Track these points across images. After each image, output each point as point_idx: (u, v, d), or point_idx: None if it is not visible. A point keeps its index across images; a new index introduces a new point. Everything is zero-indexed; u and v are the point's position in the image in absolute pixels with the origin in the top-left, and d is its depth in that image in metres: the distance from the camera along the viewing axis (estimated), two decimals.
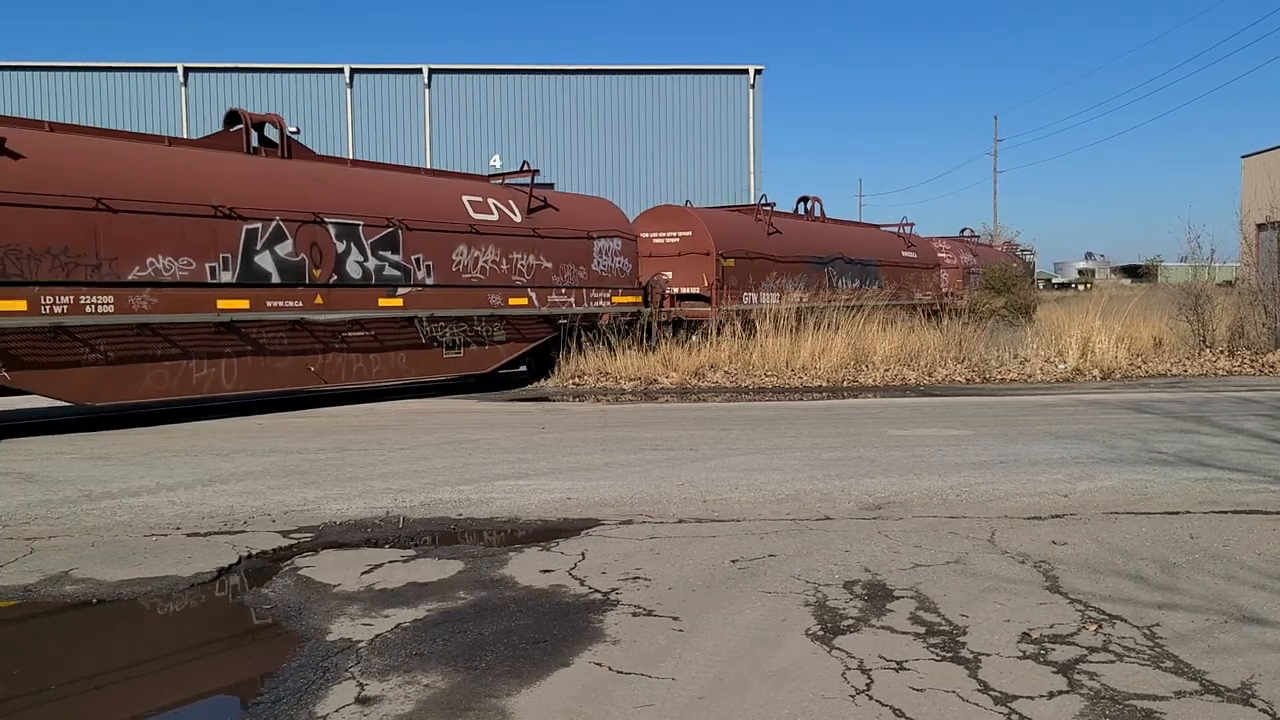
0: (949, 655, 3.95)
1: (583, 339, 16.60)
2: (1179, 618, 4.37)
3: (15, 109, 32.17)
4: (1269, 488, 7.11)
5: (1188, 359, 17.16)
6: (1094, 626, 4.26)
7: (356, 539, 6.06)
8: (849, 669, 3.83)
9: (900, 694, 3.58)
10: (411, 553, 5.71)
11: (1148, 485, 7.24)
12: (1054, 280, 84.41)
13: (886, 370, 16.45)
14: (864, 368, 16.61)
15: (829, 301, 19.45)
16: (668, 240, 20.85)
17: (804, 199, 26.41)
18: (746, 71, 34.70)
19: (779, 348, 16.96)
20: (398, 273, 14.16)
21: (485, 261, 15.32)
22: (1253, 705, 3.46)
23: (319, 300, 13.21)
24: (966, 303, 28.47)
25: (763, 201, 23.66)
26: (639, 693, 3.64)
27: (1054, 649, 4.00)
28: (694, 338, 17.72)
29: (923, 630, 4.24)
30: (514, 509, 6.77)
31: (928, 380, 16.06)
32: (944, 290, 31.00)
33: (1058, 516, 6.34)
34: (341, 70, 33.46)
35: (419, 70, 33.73)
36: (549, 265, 16.34)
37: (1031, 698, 3.53)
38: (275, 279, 12.73)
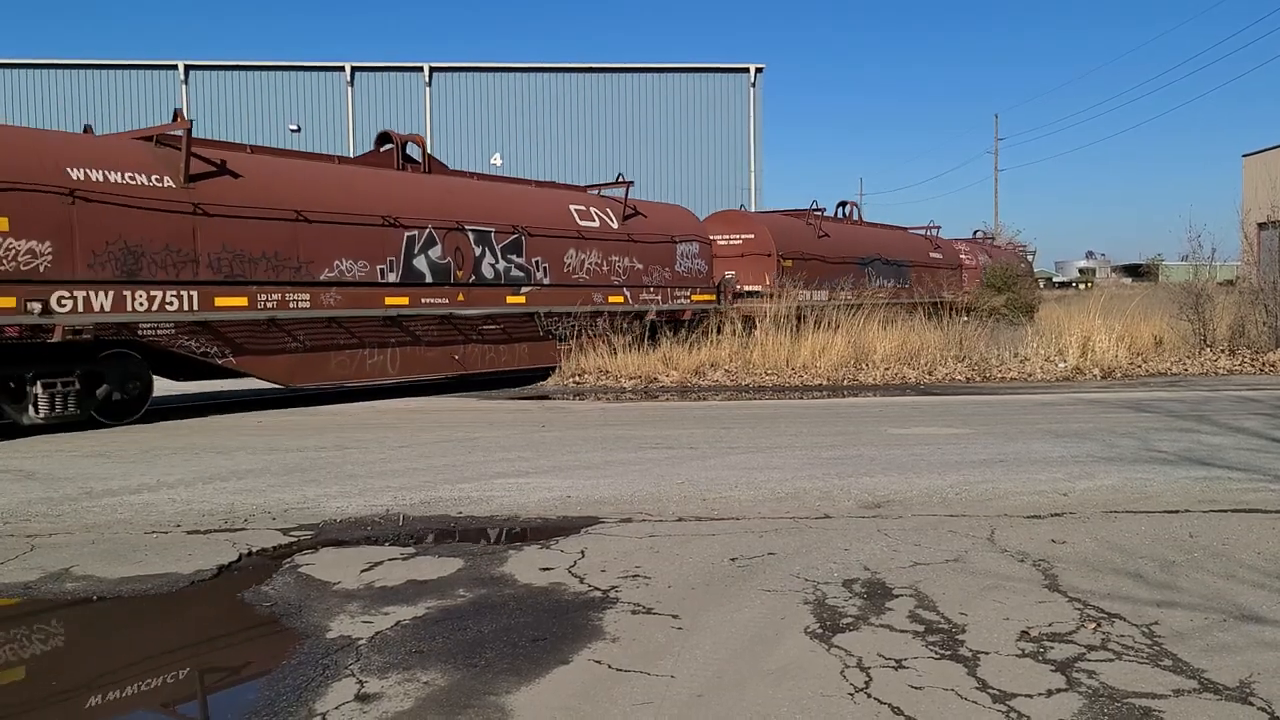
0: (948, 653, 3.96)
1: (583, 336, 16.68)
2: (1178, 616, 4.37)
3: (16, 107, 32.19)
4: (1269, 486, 7.11)
5: (1188, 358, 17.15)
6: (1093, 625, 4.26)
7: (356, 537, 6.06)
8: (848, 667, 3.83)
9: (899, 692, 3.58)
10: (411, 550, 5.71)
11: (1147, 484, 7.24)
12: (1054, 279, 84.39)
13: (887, 369, 16.45)
14: (864, 366, 16.61)
15: (874, 299, 20.70)
16: (731, 242, 22.70)
17: (843, 204, 28.52)
18: (747, 70, 34.69)
19: (779, 346, 16.97)
20: (521, 274, 16.09)
21: (589, 263, 17.32)
22: (1251, 704, 3.46)
23: (461, 298, 15.07)
24: (966, 301, 28.73)
25: (813, 206, 25.74)
26: (638, 690, 3.64)
27: (1053, 647, 4.00)
28: (756, 333, 18.12)
29: (922, 628, 4.25)
30: (514, 507, 6.78)
31: (928, 379, 16.06)
32: (965, 289, 31.88)
33: (1057, 515, 6.34)
34: (343, 68, 33.47)
35: (420, 68, 33.73)
36: (640, 267, 18.35)
37: (1030, 696, 3.54)
38: (428, 279, 14.62)
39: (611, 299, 17.63)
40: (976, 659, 3.89)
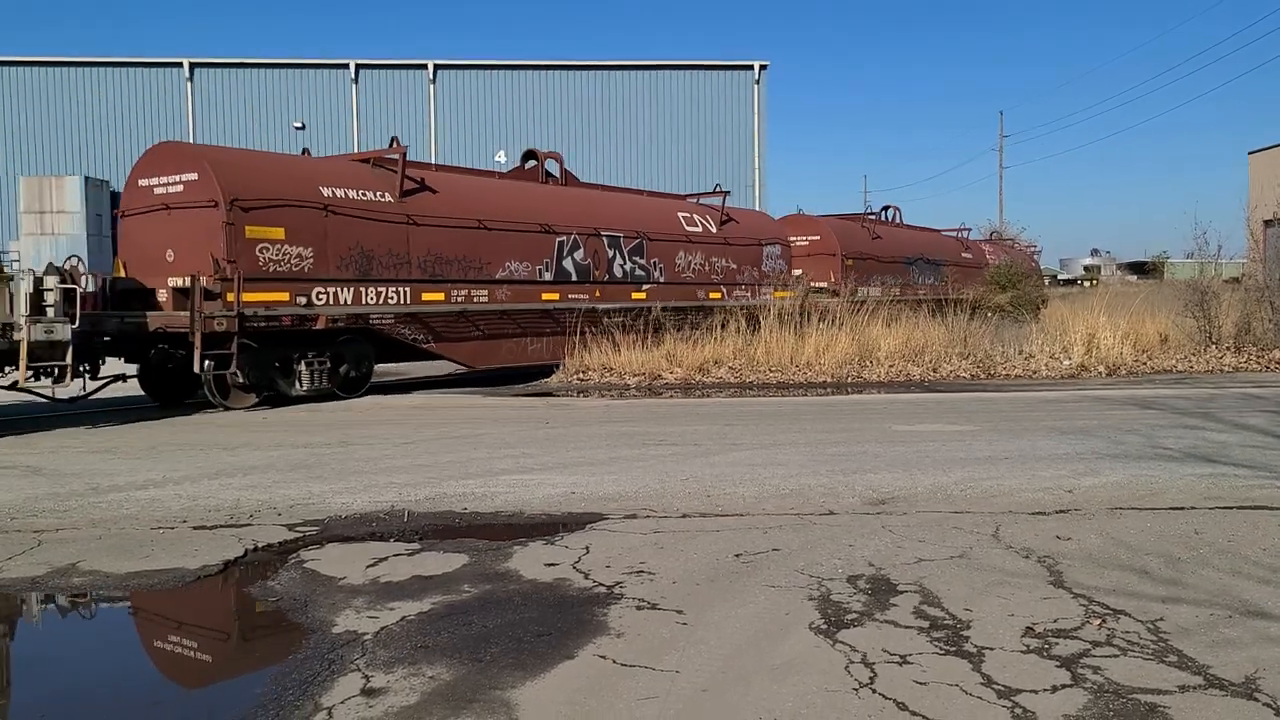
0: (952, 649, 3.96)
1: (587, 333, 16.73)
2: (1183, 612, 4.36)
3: (25, 104, 32.25)
4: (1274, 483, 7.09)
5: (1194, 355, 17.10)
6: (1098, 621, 4.26)
7: (362, 532, 6.08)
8: (852, 662, 3.83)
9: (904, 687, 3.59)
10: (416, 546, 5.72)
11: (1153, 481, 7.23)
12: (1059, 276, 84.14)
13: (891, 366, 16.44)
14: (868, 363, 16.59)
15: (927, 296, 22.85)
16: (798, 243, 24.74)
17: (886, 208, 31.06)
18: (751, 67, 34.67)
19: (783, 344, 16.96)
20: (643, 273, 18.43)
21: (695, 264, 19.62)
22: (1256, 699, 3.46)
23: (598, 294, 17.40)
24: (973, 298, 28.91)
25: (868, 211, 29.09)
26: (643, 685, 3.65)
27: (1058, 643, 4.00)
28: (823, 324, 18.66)
29: (926, 624, 4.25)
30: (518, 503, 6.78)
31: (932, 376, 16.05)
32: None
33: (1062, 512, 6.33)
34: (347, 66, 33.48)
35: (424, 66, 33.74)
36: (734, 267, 20.60)
37: (1035, 691, 3.54)
38: (573, 278, 16.97)
39: (711, 295, 19.73)
40: (981, 655, 3.89)
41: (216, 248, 12.22)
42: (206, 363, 11.89)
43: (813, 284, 23.42)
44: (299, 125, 32.90)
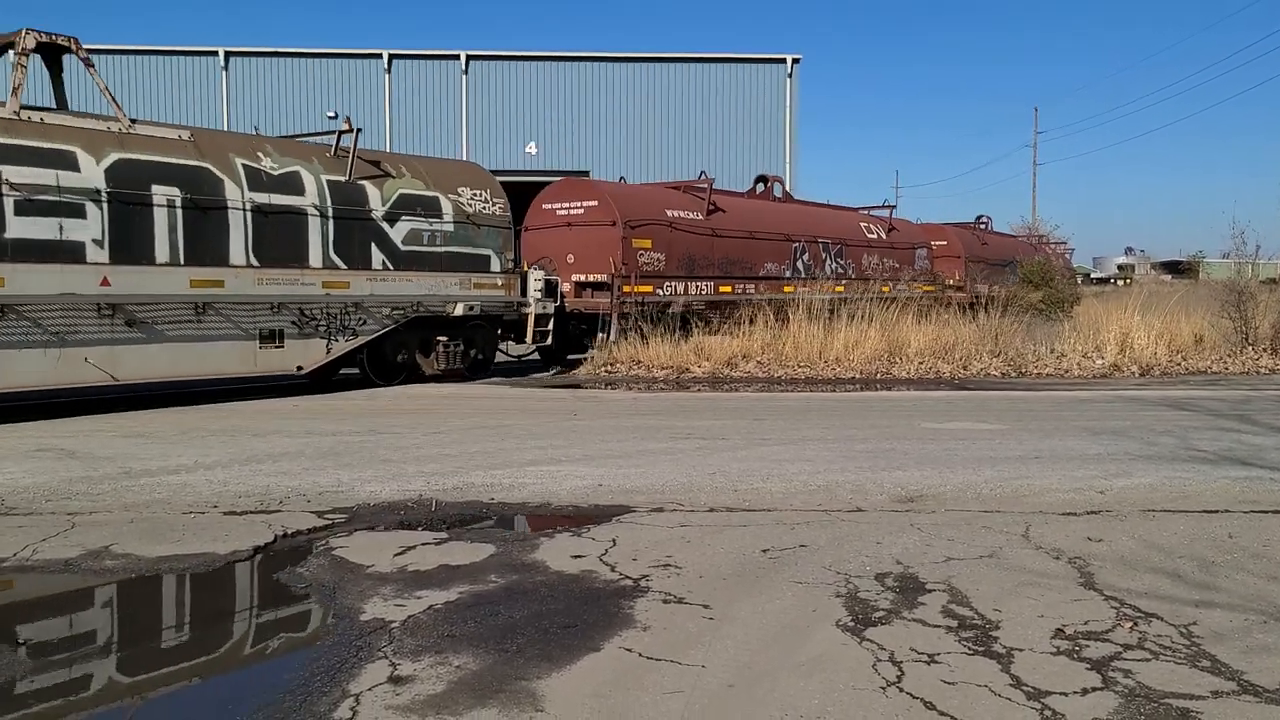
0: (981, 649, 3.92)
1: (614, 326, 16.86)
2: (1217, 616, 4.30)
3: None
4: None
5: (1229, 356, 16.84)
6: (1129, 624, 4.21)
7: (390, 521, 6.11)
8: (880, 660, 3.81)
9: (931, 687, 3.56)
10: (443, 535, 5.75)
11: (1186, 483, 7.13)
12: (1092, 275, 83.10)
13: (921, 363, 16.31)
14: (898, 360, 16.47)
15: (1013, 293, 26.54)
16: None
17: (980, 217, 35.59)
18: (784, 61, 34.45)
19: (811, 339, 16.87)
20: (842, 271, 23.32)
21: (873, 264, 24.78)
22: None
23: (815, 287, 20.82)
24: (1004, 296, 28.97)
25: (977, 219, 34.78)
26: (668, 679, 3.65)
27: (1088, 645, 3.96)
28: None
29: (955, 624, 4.22)
30: (545, 494, 6.80)
31: (963, 373, 15.91)
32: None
33: (1094, 513, 6.26)
34: (380, 55, 33.61)
35: (457, 56, 33.80)
36: (896, 266, 25.72)
37: (1065, 694, 3.50)
38: (801, 274, 21.79)
39: (883, 289, 22.30)
40: (1010, 656, 3.86)
41: (615, 255, 17.14)
42: (601, 334, 16.86)
43: (947, 281, 27.99)
44: (332, 115, 33.07)
